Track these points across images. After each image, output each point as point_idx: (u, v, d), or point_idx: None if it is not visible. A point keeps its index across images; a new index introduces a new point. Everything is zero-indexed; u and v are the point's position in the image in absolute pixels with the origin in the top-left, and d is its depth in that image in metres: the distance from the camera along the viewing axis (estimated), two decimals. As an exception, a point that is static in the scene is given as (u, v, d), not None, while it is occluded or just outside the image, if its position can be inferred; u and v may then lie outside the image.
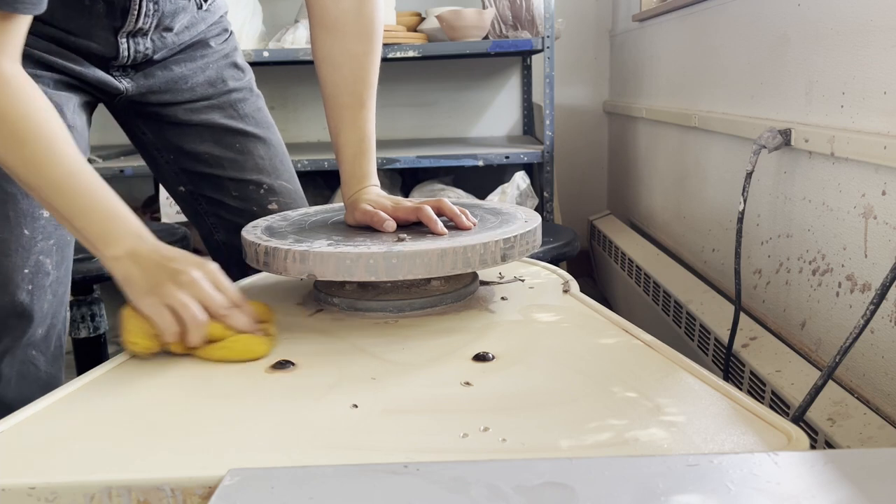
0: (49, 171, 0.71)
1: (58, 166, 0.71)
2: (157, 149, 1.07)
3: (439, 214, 0.82)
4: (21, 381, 0.93)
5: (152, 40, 0.96)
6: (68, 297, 0.97)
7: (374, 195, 0.89)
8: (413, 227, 0.83)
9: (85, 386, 0.64)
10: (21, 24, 0.72)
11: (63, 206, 0.72)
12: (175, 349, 0.69)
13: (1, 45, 0.70)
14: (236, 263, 1.14)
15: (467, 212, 0.83)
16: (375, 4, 0.93)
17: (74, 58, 0.91)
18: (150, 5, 0.91)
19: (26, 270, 0.88)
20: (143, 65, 0.98)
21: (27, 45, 0.86)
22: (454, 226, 0.82)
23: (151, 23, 0.93)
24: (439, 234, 0.78)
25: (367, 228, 0.84)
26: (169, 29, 0.97)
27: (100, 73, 0.94)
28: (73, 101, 0.93)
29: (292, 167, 1.13)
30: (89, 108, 0.99)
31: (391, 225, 0.81)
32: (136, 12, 0.90)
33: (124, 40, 0.92)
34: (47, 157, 0.71)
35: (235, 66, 1.08)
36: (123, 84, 0.97)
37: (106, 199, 0.73)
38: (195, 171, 1.07)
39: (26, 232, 0.87)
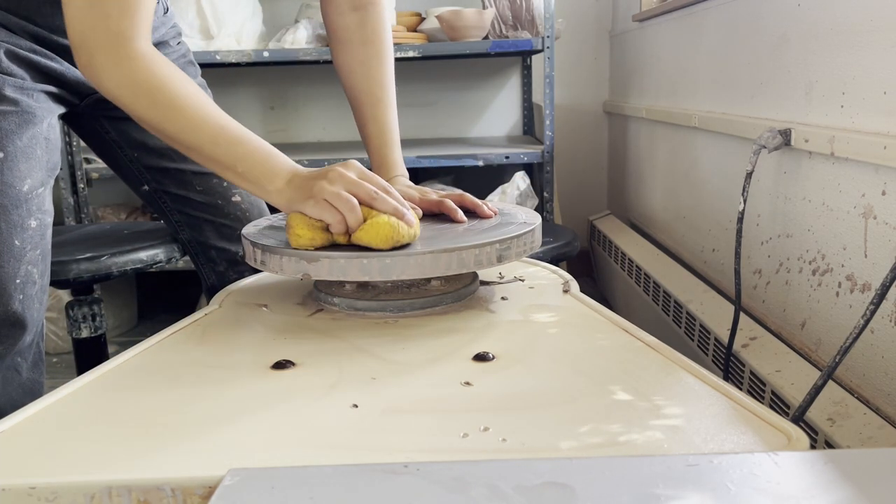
0: (205, 129, 0.79)
1: (211, 123, 0.79)
2: (121, 147, 1.09)
3: (461, 206, 0.88)
4: (5, 386, 0.94)
5: None
6: (46, 305, 0.98)
7: (403, 186, 0.94)
8: (435, 217, 0.88)
9: (85, 386, 0.64)
10: (150, 6, 0.79)
11: (224, 156, 0.79)
12: (339, 239, 0.76)
13: (140, 28, 0.78)
14: (205, 261, 1.15)
15: (489, 203, 0.89)
16: (378, 14, 1.01)
17: (55, 58, 0.94)
18: None
19: (18, 280, 0.90)
20: None
21: (13, 44, 0.89)
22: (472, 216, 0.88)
23: None
24: (460, 222, 0.85)
25: None
26: None
27: (79, 74, 0.97)
28: (54, 113, 0.96)
29: None
30: (62, 120, 1.03)
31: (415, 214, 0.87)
32: None
33: None
34: (200, 117, 0.79)
35: (192, 64, 1.14)
36: None
37: (259, 144, 0.81)
38: (159, 168, 1.10)
39: (17, 242, 0.89)
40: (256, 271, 1.04)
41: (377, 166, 0.99)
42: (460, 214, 0.86)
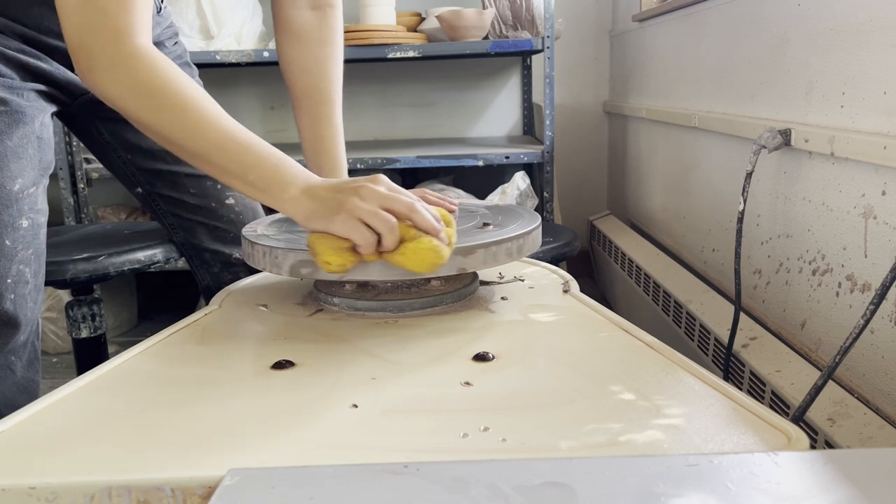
0: (211, 134, 0.74)
1: (218, 128, 0.74)
2: (114, 149, 1.09)
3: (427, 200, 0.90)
4: None
5: None
6: (41, 305, 0.98)
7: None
8: None
9: (85, 386, 0.64)
10: (150, 3, 0.76)
11: (232, 164, 0.74)
12: (369, 258, 0.71)
13: (140, 24, 0.73)
14: (200, 263, 1.15)
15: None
16: (336, 16, 1.01)
17: (45, 58, 0.94)
18: None
19: (9, 280, 0.89)
20: None
21: (1, 44, 0.90)
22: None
23: None
24: (452, 210, 0.87)
25: None
26: None
27: (69, 74, 0.97)
28: (46, 111, 0.96)
29: None
30: (59, 119, 1.03)
31: None
32: None
33: None
34: (206, 121, 0.74)
35: (188, 65, 1.13)
36: None
37: (269, 150, 0.75)
38: (152, 169, 1.09)
39: (7, 242, 0.89)
40: (252, 271, 1.03)
41: (331, 167, 0.98)
42: (449, 204, 0.89)
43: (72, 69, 0.96)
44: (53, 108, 0.98)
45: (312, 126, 0.99)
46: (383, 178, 0.74)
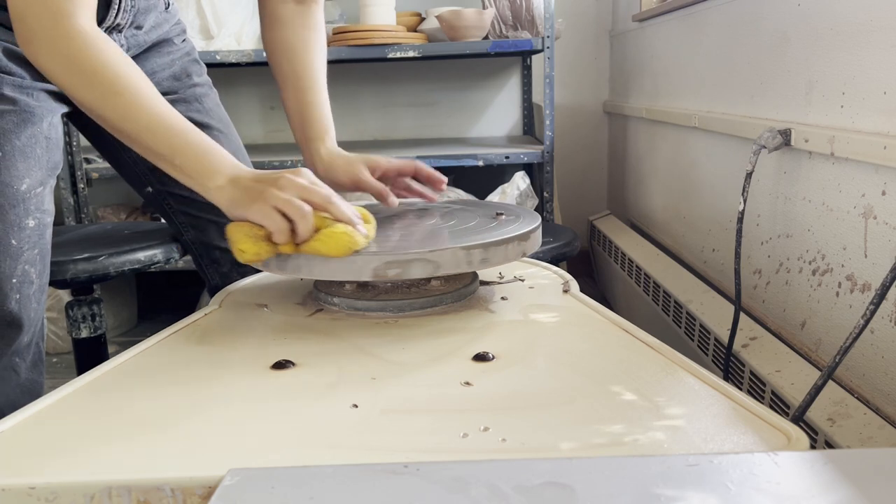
0: (142, 116, 0.76)
1: (150, 111, 0.76)
2: (124, 148, 1.09)
3: (419, 174, 0.95)
4: (2, 386, 0.94)
5: (125, 38, 1.00)
6: (45, 305, 0.98)
7: (351, 154, 0.96)
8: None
9: (85, 386, 0.64)
10: None
11: (161, 146, 0.76)
12: (284, 249, 0.72)
13: (80, 5, 0.76)
14: (209, 262, 1.15)
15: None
16: (319, 11, 1.03)
17: None
18: (128, 1, 0.96)
19: (14, 280, 0.89)
20: None
21: (12, 42, 0.90)
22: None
23: (128, 19, 0.97)
24: (440, 181, 0.94)
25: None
26: (139, 27, 1.01)
27: None
28: (55, 112, 0.96)
29: (250, 163, 1.16)
30: (64, 118, 1.02)
31: (395, 201, 0.92)
32: (116, 6, 0.94)
33: None
34: (139, 103, 0.76)
35: (197, 62, 1.13)
36: None
37: (199, 137, 0.77)
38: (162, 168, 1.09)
39: (14, 242, 0.88)
40: (259, 272, 1.03)
41: (318, 133, 0.98)
42: (436, 175, 0.94)
43: None
44: (64, 109, 0.98)
45: (297, 98, 0.98)
46: (305, 170, 0.76)
